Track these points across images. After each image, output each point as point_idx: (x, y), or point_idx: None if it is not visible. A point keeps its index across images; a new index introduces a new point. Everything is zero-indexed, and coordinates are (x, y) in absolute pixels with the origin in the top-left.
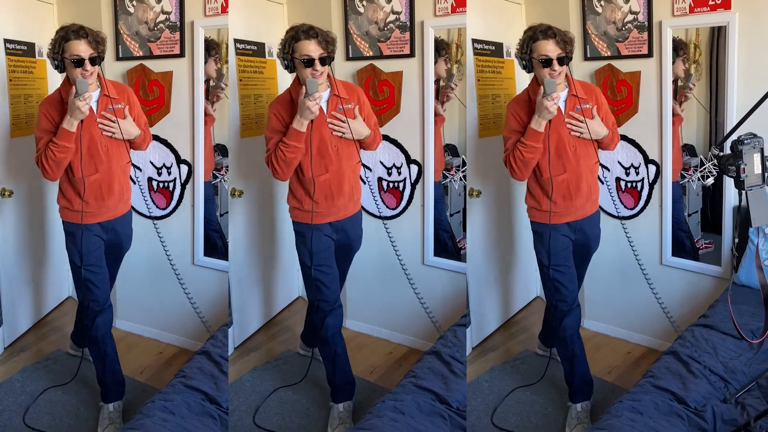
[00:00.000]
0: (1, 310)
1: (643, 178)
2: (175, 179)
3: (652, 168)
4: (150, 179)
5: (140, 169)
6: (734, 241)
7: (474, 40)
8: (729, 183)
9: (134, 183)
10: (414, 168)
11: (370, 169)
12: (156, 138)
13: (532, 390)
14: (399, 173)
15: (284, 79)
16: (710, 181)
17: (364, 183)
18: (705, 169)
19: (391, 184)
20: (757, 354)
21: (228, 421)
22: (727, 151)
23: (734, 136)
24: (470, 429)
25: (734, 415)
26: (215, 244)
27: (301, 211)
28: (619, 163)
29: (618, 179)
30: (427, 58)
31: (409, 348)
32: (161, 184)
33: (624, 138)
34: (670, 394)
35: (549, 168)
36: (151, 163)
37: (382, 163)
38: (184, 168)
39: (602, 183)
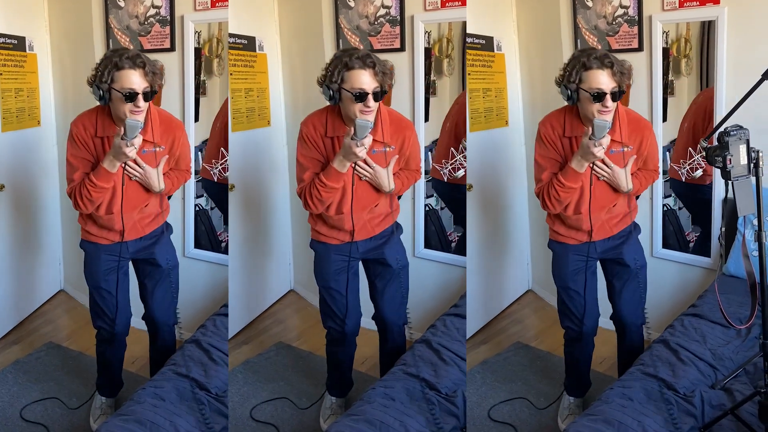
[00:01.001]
0: None
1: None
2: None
3: None
4: None
5: None
6: (721, 230)
7: (465, 34)
8: (718, 175)
9: None
10: None
11: None
12: None
13: (525, 381)
14: None
15: (275, 74)
16: (699, 173)
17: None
18: (694, 161)
19: None
20: (745, 341)
21: (216, 406)
22: (715, 143)
23: (721, 129)
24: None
25: (722, 400)
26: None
27: (314, 230)
28: None
29: None
30: (417, 53)
31: None
32: None
33: None
34: (660, 381)
35: (589, 204)
36: None
37: None
38: None
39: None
